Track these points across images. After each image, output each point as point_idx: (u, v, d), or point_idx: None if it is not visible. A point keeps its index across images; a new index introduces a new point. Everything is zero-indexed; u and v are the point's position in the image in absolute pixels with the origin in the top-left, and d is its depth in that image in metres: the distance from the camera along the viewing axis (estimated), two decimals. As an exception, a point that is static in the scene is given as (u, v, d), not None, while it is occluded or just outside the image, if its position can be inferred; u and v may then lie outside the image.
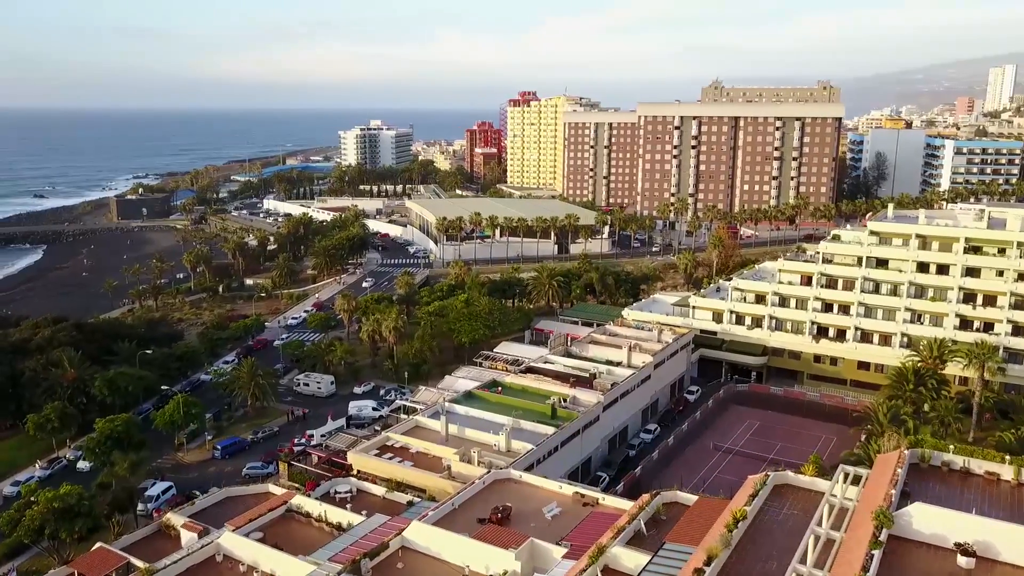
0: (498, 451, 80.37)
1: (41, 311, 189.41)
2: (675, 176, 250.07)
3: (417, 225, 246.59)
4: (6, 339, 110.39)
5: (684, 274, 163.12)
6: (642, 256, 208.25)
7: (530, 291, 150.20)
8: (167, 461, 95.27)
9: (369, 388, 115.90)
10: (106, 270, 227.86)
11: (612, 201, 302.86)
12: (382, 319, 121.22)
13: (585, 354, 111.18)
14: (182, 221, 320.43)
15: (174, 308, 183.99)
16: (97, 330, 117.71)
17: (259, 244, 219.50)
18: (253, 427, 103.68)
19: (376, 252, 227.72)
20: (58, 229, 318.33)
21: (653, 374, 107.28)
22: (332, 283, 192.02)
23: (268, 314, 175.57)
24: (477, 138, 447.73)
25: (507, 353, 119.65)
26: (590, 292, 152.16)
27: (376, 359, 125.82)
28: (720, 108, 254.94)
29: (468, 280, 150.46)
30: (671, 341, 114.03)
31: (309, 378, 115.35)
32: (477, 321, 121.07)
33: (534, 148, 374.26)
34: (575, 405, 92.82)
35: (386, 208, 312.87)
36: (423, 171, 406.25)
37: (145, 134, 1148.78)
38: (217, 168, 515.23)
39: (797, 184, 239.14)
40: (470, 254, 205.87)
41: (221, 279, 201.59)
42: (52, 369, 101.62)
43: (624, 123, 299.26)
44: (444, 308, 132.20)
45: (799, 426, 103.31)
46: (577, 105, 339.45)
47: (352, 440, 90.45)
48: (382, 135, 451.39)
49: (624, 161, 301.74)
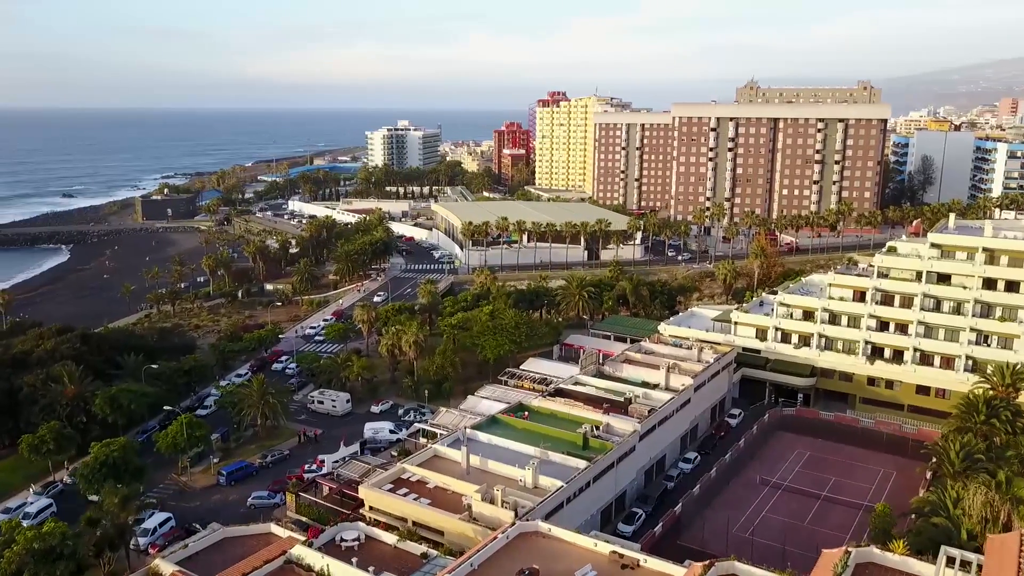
0: (524, 487, 72.75)
1: (58, 315, 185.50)
2: (711, 180, 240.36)
3: (443, 229, 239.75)
4: (7, 351, 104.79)
5: (723, 285, 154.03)
6: (676, 264, 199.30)
7: (559, 302, 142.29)
8: (169, 486, 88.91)
9: (387, 407, 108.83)
10: (128, 272, 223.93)
11: (644, 205, 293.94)
12: (402, 332, 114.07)
13: (619, 374, 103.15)
14: (206, 222, 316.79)
15: (191, 314, 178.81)
16: (104, 341, 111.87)
17: (280, 247, 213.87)
18: (262, 449, 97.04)
19: (400, 257, 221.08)
20: (83, 229, 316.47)
21: (693, 397, 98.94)
22: (353, 289, 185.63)
23: (287, 321, 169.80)
24: (505, 139, 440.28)
25: (534, 371, 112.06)
26: (622, 303, 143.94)
27: (395, 374, 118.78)
28: (758, 109, 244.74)
29: (494, 290, 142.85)
30: (712, 361, 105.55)
31: (324, 395, 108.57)
32: (502, 336, 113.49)
33: (563, 149, 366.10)
34: (609, 434, 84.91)
35: (412, 210, 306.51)
36: (450, 172, 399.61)
37: (176, 133, 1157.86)
38: (244, 168, 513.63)
39: (839, 189, 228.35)
40: (496, 260, 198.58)
41: (241, 284, 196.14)
42: (52, 385, 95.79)
43: (657, 124, 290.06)
44: (468, 320, 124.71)
45: (854, 457, 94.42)
46: (608, 105, 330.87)
47: (366, 469, 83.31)
48: (409, 136, 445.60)
49: (657, 163, 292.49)
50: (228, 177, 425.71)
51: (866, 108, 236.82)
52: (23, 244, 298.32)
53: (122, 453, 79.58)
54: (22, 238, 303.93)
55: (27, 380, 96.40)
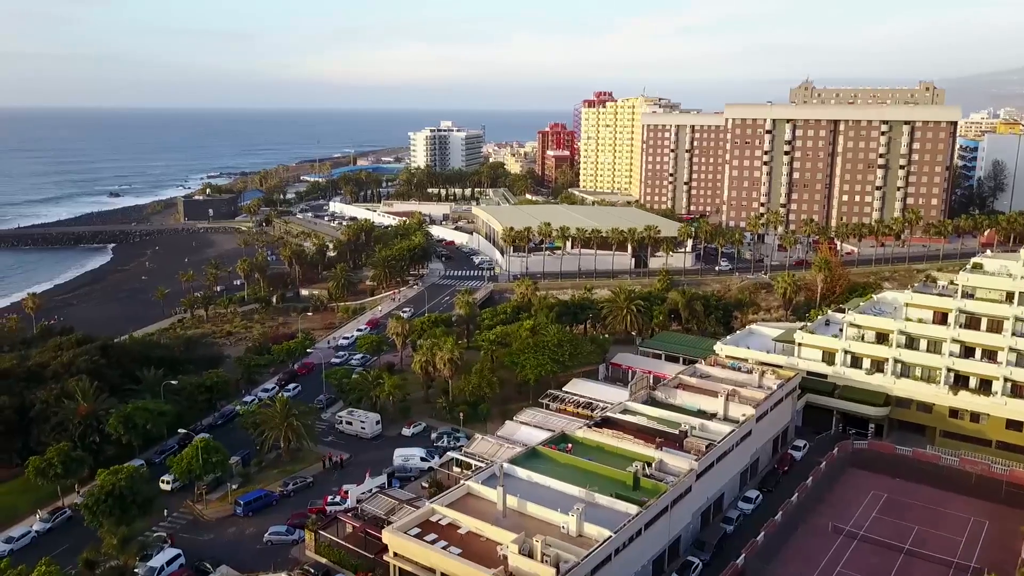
0: (567, 534, 64.55)
1: (90, 319, 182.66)
2: (765, 184, 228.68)
3: (483, 233, 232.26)
4: (23, 363, 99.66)
5: (782, 299, 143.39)
6: (729, 274, 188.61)
7: (605, 316, 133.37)
8: (183, 516, 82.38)
9: (419, 429, 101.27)
10: (166, 273, 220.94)
11: (693, 209, 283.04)
12: (436, 349, 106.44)
13: (672, 401, 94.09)
14: (247, 223, 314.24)
15: (224, 319, 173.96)
16: (125, 353, 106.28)
17: (317, 251, 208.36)
18: (284, 475, 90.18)
19: (439, 262, 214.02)
20: (126, 229, 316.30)
21: (755, 429, 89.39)
22: (390, 296, 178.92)
23: (321, 329, 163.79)
24: (549, 140, 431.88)
25: (578, 393, 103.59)
26: (674, 318, 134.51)
27: (429, 393, 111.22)
28: (817, 110, 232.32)
29: (535, 302, 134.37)
30: (776, 387, 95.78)
31: (353, 415, 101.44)
32: (544, 354, 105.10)
33: (609, 151, 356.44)
34: (662, 472, 75.98)
35: (453, 213, 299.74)
36: (492, 174, 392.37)
37: (225, 133, 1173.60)
38: (287, 168, 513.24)
39: (904, 195, 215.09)
40: (538, 267, 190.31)
41: (276, 288, 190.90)
42: (65, 401, 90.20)
43: (708, 126, 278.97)
44: (507, 335, 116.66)
45: (938, 501, 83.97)
46: (656, 106, 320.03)
47: (392, 506, 75.84)
48: (452, 136, 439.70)
49: (707, 167, 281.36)
50: (270, 177, 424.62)
51: (934, 110, 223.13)
52: (67, 243, 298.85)
53: (129, 483, 73.10)
54: (66, 237, 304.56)
55: (40, 396, 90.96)
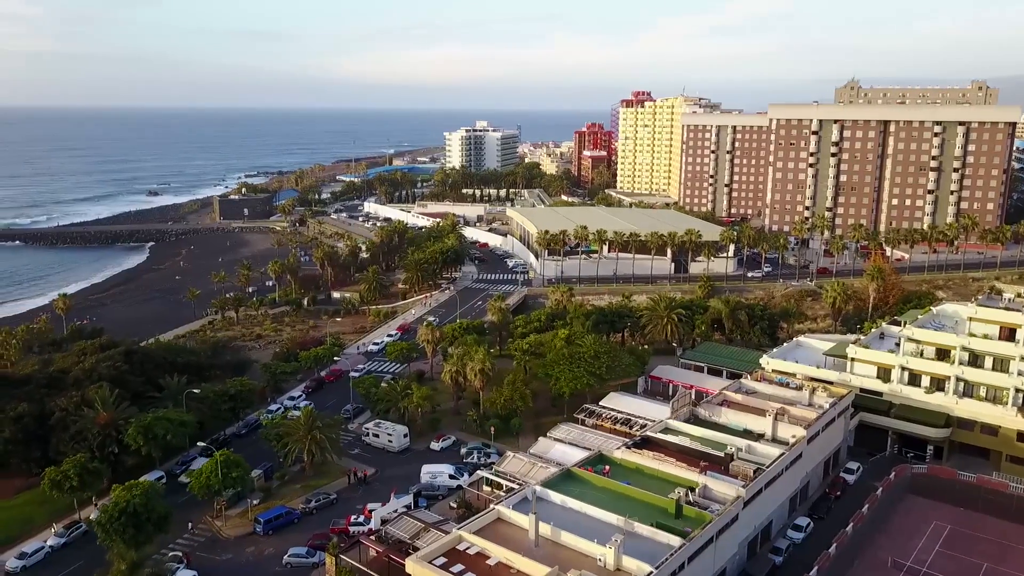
0: (604, 568, 59.68)
1: (122, 319, 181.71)
2: (811, 187, 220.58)
3: (518, 235, 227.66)
4: (45, 368, 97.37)
5: (831, 309, 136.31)
6: (773, 280, 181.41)
7: (644, 324, 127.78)
8: (201, 534, 78.96)
9: (448, 443, 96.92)
10: (200, 273, 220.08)
11: (733, 212, 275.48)
12: (467, 359, 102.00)
13: (716, 419, 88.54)
14: (281, 223, 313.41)
15: (255, 322, 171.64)
16: (148, 359, 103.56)
17: (350, 253, 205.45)
18: (307, 490, 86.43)
19: (473, 265, 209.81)
20: (162, 228, 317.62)
21: (806, 451, 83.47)
22: (422, 300, 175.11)
23: (351, 333, 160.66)
24: (586, 140, 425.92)
25: (616, 408, 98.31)
26: (716, 328, 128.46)
27: (459, 404, 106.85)
28: (867, 110, 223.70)
29: (571, 309, 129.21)
30: (828, 406, 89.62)
31: (380, 428, 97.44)
32: (580, 366, 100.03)
33: (647, 152, 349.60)
34: (707, 499, 70.61)
35: (487, 215, 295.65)
36: (528, 174, 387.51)
37: (265, 130, 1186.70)
38: (323, 168, 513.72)
39: (958, 199, 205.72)
40: (574, 271, 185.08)
41: (307, 291, 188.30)
42: (84, 409, 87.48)
43: (750, 126, 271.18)
44: (541, 344, 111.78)
45: (1009, 536, 77.33)
46: (696, 106, 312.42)
47: (418, 530, 71.49)
48: (488, 137, 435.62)
49: (749, 168, 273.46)
50: (306, 177, 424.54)
51: (991, 110, 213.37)
52: (105, 242, 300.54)
53: (144, 500, 69.73)
54: (104, 236, 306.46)
55: (59, 403, 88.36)
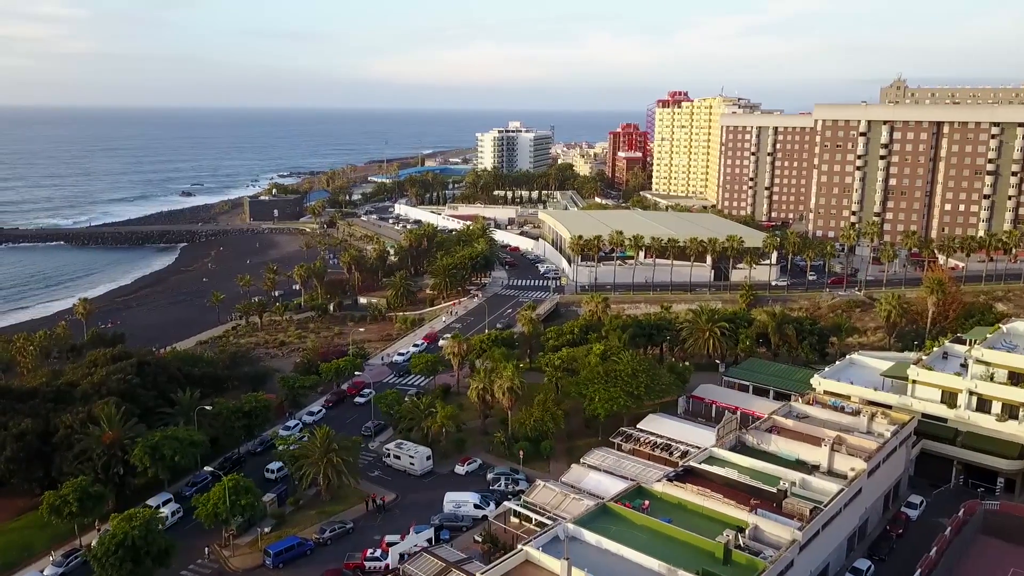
0: (645, 624, 52.84)
1: (145, 323, 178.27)
2: (858, 191, 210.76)
3: (550, 240, 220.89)
4: (53, 380, 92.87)
5: (885, 323, 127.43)
6: (819, 289, 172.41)
7: (684, 338, 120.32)
8: (207, 565, 73.52)
9: (474, 467, 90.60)
10: (227, 275, 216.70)
11: (774, 216, 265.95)
12: (495, 376, 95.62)
13: (766, 448, 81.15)
14: (311, 224, 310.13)
15: (279, 328, 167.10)
16: (161, 371, 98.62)
17: (378, 257, 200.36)
18: (322, 517, 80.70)
19: (503, 270, 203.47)
20: (193, 229, 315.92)
21: (866, 485, 75.75)
22: (451, 307, 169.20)
23: (377, 341, 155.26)
24: (620, 141, 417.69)
25: (655, 432, 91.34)
26: (761, 342, 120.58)
27: (486, 423, 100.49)
28: (919, 111, 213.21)
29: (606, 322, 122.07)
30: (889, 435, 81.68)
31: (402, 449, 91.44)
32: (616, 386, 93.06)
33: (684, 153, 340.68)
34: (758, 542, 63.42)
35: (519, 217, 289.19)
36: (561, 176, 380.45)
37: (299, 130, 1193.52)
38: (355, 168, 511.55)
39: (1016, 204, 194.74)
40: (608, 277, 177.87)
41: (334, 295, 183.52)
42: (90, 427, 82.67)
43: (792, 127, 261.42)
44: (574, 360, 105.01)
45: (1098, 588, 68.76)
46: (735, 106, 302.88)
47: (438, 569, 65.29)
48: (520, 137, 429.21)
49: (791, 171, 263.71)
50: (337, 178, 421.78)
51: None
52: (136, 243, 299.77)
53: (144, 532, 64.44)
54: (135, 236, 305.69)
55: (64, 420, 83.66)
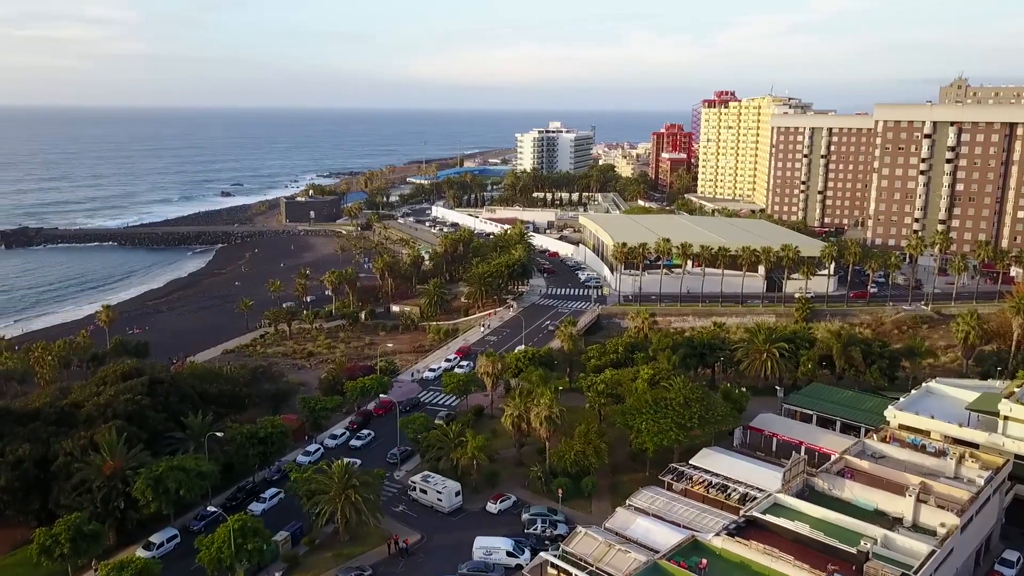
0: None
1: (171, 330, 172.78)
2: (921, 197, 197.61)
3: (591, 245, 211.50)
4: (56, 403, 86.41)
5: (962, 344, 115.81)
6: (881, 304, 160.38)
7: (738, 360, 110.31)
8: (210, 616, 66.17)
9: (507, 505, 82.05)
10: (260, 278, 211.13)
11: (827, 222, 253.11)
12: (531, 403, 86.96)
13: (839, 494, 71.33)
14: (347, 226, 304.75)
15: (308, 336, 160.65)
16: (174, 390, 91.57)
17: (412, 263, 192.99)
18: (340, 559, 72.89)
19: (541, 277, 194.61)
20: (229, 230, 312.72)
21: (959, 544, 65.56)
22: (486, 317, 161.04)
23: (409, 352, 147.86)
24: (664, 142, 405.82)
25: (710, 469, 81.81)
26: (824, 364, 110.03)
27: (521, 453, 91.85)
28: (990, 111, 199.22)
29: (654, 340, 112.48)
30: (983, 483, 71.22)
31: (428, 483, 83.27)
32: (667, 416, 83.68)
33: (731, 155, 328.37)
34: (837, 616, 54.00)
35: (558, 221, 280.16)
36: (602, 178, 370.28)
37: (340, 130, 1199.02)
38: (393, 169, 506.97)
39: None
40: (654, 287, 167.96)
41: (366, 303, 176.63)
42: (92, 454, 76.01)
43: (848, 128, 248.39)
44: (619, 384, 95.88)
45: None
46: (786, 106, 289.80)
47: (464, 637, 57.03)
48: (561, 138, 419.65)
49: (845, 174, 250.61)
50: (376, 179, 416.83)
51: None
52: (172, 244, 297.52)
53: None
54: (171, 237, 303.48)
55: (64, 446, 77.13)
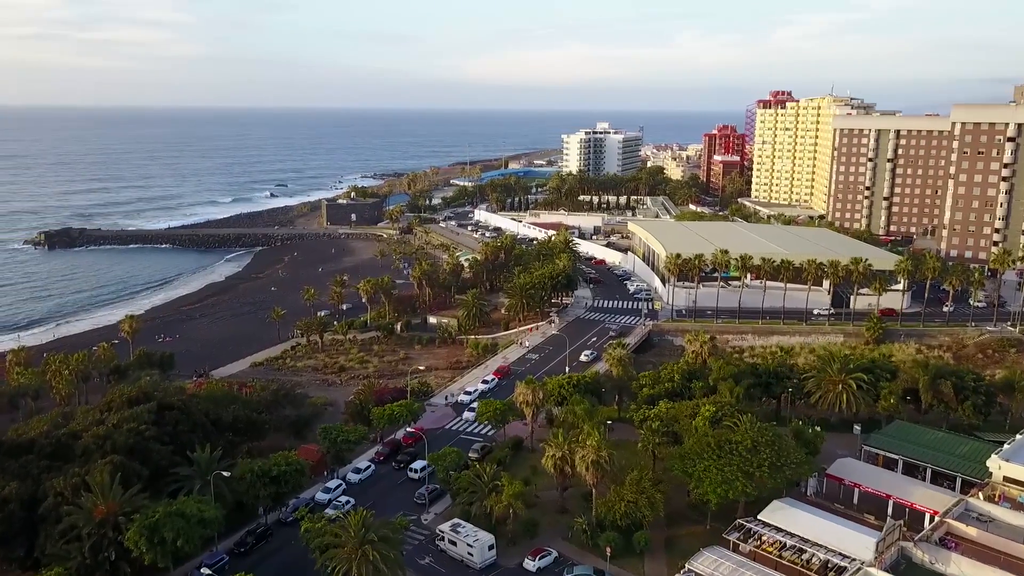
0: None
1: (201, 339, 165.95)
2: (1003, 206, 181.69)
3: (640, 254, 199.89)
4: (52, 433, 78.69)
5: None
6: (962, 323, 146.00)
7: (808, 391, 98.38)
8: None
9: (548, 561, 71.89)
10: (297, 284, 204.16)
11: (893, 231, 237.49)
12: (576, 444, 76.62)
13: (943, 569, 59.91)
14: (388, 229, 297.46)
15: (340, 349, 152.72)
16: (184, 418, 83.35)
17: (451, 272, 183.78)
18: (355, 626, 63.57)
19: (587, 288, 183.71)
20: (269, 233, 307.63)
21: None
22: (528, 332, 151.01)
23: (445, 369, 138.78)
24: (716, 144, 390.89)
25: (783, 527, 70.47)
26: (909, 398, 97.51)
27: (565, 497, 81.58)
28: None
29: (714, 368, 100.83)
30: (1123, 563, 58.97)
31: (458, 533, 73.49)
32: (732, 464, 72.58)
33: (787, 158, 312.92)
34: None
35: (605, 226, 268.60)
36: (651, 180, 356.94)
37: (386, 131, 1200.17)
38: (437, 171, 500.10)
39: None
40: (710, 301, 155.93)
41: (402, 314, 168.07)
42: (84, 495, 68.03)
43: (918, 130, 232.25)
44: (675, 419, 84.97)
45: None
46: (848, 107, 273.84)
47: None
48: (608, 139, 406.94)
49: (914, 179, 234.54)
50: (419, 180, 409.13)
51: None
52: (211, 246, 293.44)
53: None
54: (211, 239, 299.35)
55: (55, 485, 69.33)
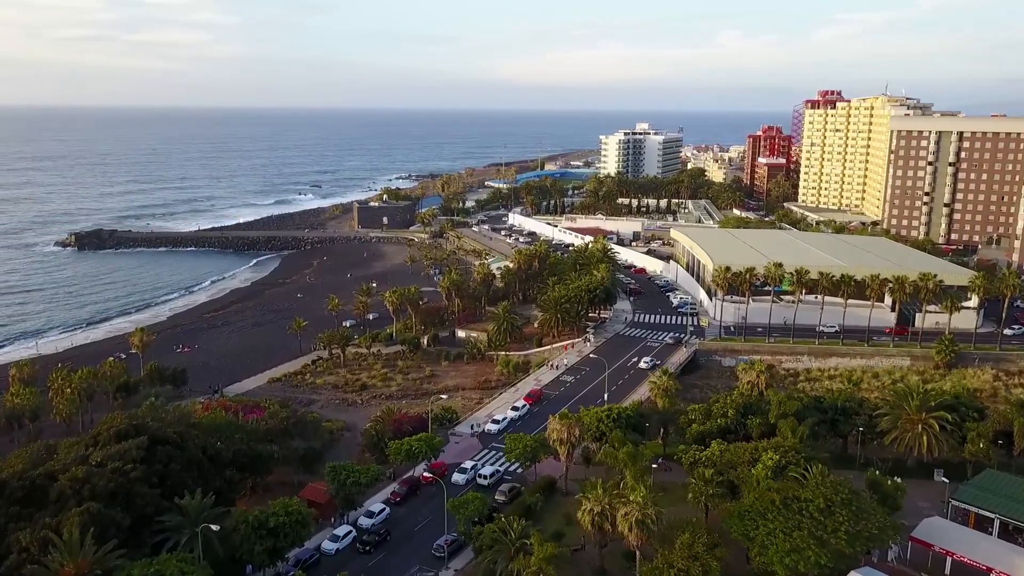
0: None
1: (219, 351, 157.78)
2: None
3: (683, 263, 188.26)
4: (28, 472, 70.11)
5: None
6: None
7: (880, 431, 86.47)
8: None
9: (584, 639, 61.52)
10: (325, 290, 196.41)
11: (954, 239, 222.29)
12: (617, 500, 65.99)
13: None
14: (420, 233, 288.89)
15: (363, 364, 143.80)
16: (179, 452, 74.31)
17: (481, 282, 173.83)
18: None
19: (626, 300, 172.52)
20: (298, 236, 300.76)
21: None
22: (563, 351, 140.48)
23: (473, 389, 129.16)
24: (761, 145, 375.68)
25: (865, 610, 59.29)
26: (1001, 441, 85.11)
27: (603, 555, 70.94)
28: None
29: (774, 403, 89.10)
30: None
31: (479, 600, 63.52)
32: (803, 527, 61.45)
33: (838, 160, 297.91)
34: None
35: (646, 231, 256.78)
36: (693, 183, 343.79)
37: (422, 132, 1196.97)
38: (472, 172, 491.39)
39: None
40: (761, 317, 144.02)
41: (429, 326, 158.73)
42: (52, 552, 59.31)
43: (982, 132, 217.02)
44: (731, 463, 73.86)
45: None
46: (904, 107, 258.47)
47: None
48: (648, 140, 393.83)
49: (978, 185, 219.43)
50: (452, 183, 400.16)
51: None
52: (241, 248, 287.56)
53: None
54: (241, 242, 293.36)
55: (20, 539, 60.71)
